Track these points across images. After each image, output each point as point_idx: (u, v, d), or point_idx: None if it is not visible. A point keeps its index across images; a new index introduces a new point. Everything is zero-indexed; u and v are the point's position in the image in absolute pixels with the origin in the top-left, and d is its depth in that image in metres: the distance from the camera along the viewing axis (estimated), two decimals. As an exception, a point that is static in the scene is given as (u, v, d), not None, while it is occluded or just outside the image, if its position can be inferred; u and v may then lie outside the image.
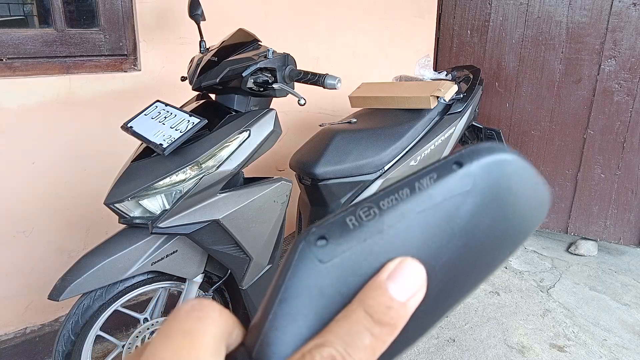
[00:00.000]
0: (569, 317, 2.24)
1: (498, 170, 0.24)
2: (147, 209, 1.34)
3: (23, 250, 1.81)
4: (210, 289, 1.56)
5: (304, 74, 1.46)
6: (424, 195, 0.23)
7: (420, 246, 0.23)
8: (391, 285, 0.22)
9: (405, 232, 0.23)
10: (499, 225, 0.24)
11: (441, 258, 0.24)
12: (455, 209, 0.23)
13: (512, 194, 0.24)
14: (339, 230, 0.23)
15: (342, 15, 2.48)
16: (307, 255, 0.22)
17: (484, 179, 0.24)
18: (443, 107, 2.06)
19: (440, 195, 0.23)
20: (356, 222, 0.23)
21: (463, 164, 0.24)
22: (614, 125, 2.61)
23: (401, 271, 0.22)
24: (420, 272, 0.23)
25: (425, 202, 0.23)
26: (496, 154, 0.24)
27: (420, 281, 0.23)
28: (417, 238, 0.23)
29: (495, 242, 0.25)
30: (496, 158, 0.24)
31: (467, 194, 0.23)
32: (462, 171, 0.23)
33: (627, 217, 2.69)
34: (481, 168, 0.24)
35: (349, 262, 0.23)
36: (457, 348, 2.02)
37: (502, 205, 0.24)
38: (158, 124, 1.39)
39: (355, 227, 0.23)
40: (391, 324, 0.22)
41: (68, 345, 1.36)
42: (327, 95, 2.43)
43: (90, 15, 1.88)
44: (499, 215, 0.24)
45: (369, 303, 0.22)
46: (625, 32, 2.49)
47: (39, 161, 1.77)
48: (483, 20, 2.81)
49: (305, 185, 1.85)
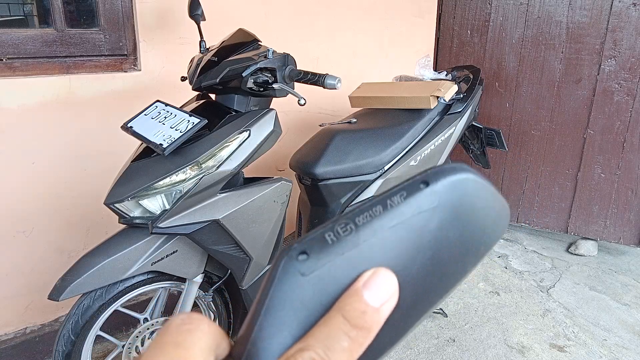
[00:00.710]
0: (569, 317, 2.24)
1: (460, 188, 0.27)
2: (147, 209, 1.34)
3: (23, 250, 1.81)
4: (210, 289, 1.56)
5: (304, 74, 1.45)
6: (395, 212, 0.26)
7: (393, 258, 0.25)
8: (366, 293, 0.24)
9: (379, 245, 0.25)
10: (464, 238, 0.27)
11: (412, 268, 0.26)
12: (424, 223, 0.26)
13: (474, 210, 0.27)
14: (319, 245, 0.25)
15: (342, 15, 2.48)
16: (290, 269, 0.24)
17: (448, 197, 0.26)
18: (443, 107, 2.06)
19: (410, 212, 0.26)
20: (334, 237, 0.25)
21: (429, 183, 0.26)
22: (614, 125, 2.61)
23: (375, 279, 0.25)
24: (392, 280, 0.25)
25: (396, 218, 0.26)
26: (459, 173, 0.27)
27: (392, 288, 0.25)
28: (390, 250, 0.25)
29: (461, 254, 0.27)
30: (459, 177, 0.27)
31: (434, 210, 0.26)
32: (428, 190, 0.26)
33: (627, 216, 2.69)
34: (445, 187, 0.26)
35: (328, 274, 0.25)
36: (457, 348, 2.02)
37: (466, 220, 0.27)
38: (158, 124, 1.39)
39: (334, 242, 0.25)
40: (366, 328, 0.24)
41: (68, 345, 1.36)
42: (327, 95, 2.43)
43: (90, 15, 1.88)
44: (464, 228, 0.27)
45: (346, 309, 0.24)
46: (625, 32, 2.49)
47: (39, 161, 1.78)
48: (483, 20, 2.81)
49: (305, 185, 1.85)
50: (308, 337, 0.24)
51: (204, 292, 1.56)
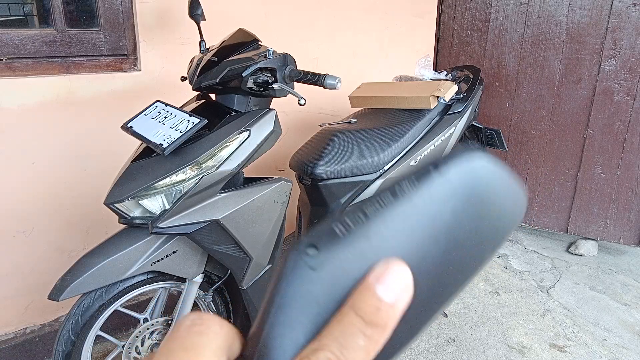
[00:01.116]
0: (569, 317, 2.24)
1: (474, 174, 0.25)
2: (147, 209, 1.34)
3: (23, 250, 1.81)
4: (210, 289, 1.56)
5: (304, 74, 1.45)
6: (406, 200, 0.24)
7: (405, 248, 0.24)
8: (379, 287, 0.23)
9: (390, 236, 0.24)
10: (479, 227, 0.26)
11: (426, 259, 0.24)
12: (437, 212, 0.24)
13: (489, 196, 0.26)
14: (328, 238, 0.24)
15: (342, 15, 2.48)
16: (299, 264, 0.23)
17: (461, 183, 0.25)
18: (443, 107, 2.06)
19: (421, 200, 0.24)
20: (344, 229, 0.24)
21: (441, 168, 0.25)
22: (614, 125, 2.61)
23: (387, 273, 0.23)
24: (405, 273, 0.24)
25: (407, 206, 0.24)
26: (472, 159, 0.25)
27: (406, 282, 0.23)
28: (402, 241, 0.24)
29: (477, 243, 0.26)
30: (472, 163, 0.25)
31: (446, 198, 0.24)
32: (440, 175, 0.24)
33: (627, 216, 2.69)
34: (458, 172, 0.25)
35: (339, 268, 0.23)
36: (457, 348, 2.02)
37: (481, 207, 0.25)
38: (158, 124, 1.39)
39: (344, 235, 0.24)
40: (382, 325, 0.23)
41: (68, 345, 1.36)
42: (327, 95, 2.43)
43: (90, 15, 1.88)
44: (479, 216, 0.25)
45: (359, 306, 0.23)
46: (625, 32, 2.49)
47: (39, 161, 1.77)
48: (483, 20, 2.81)
49: (305, 185, 1.85)
50: (322, 336, 0.23)
51: (204, 292, 1.56)
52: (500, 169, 0.26)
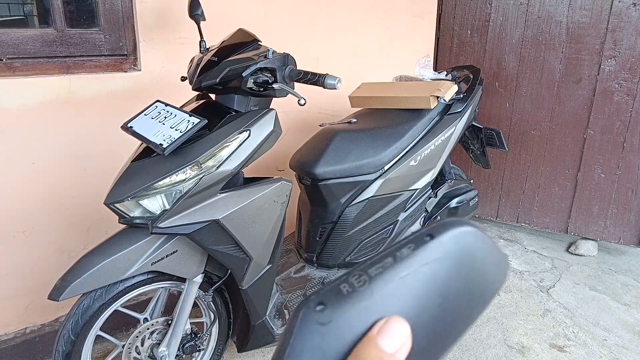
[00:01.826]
0: (569, 317, 2.24)
1: (463, 240, 0.29)
2: (147, 209, 1.33)
3: (23, 250, 1.81)
4: (210, 289, 1.56)
5: (304, 74, 1.45)
6: (405, 263, 0.28)
7: (405, 306, 0.27)
8: (381, 340, 0.26)
9: (391, 294, 0.27)
10: (469, 285, 0.29)
11: (423, 315, 0.28)
12: (432, 273, 0.28)
13: (475, 259, 0.30)
14: (335, 296, 0.27)
15: (342, 15, 2.48)
16: (308, 319, 0.26)
17: (452, 248, 0.29)
18: (443, 107, 2.06)
19: (418, 263, 0.28)
20: (349, 288, 0.27)
21: (435, 236, 0.29)
22: (614, 125, 2.61)
23: (388, 327, 0.26)
24: (404, 327, 0.27)
25: (406, 268, 0.28)
26: (461, 227, 0.29)
27: (405, 335, 0.26)
28: (402, 299, 0.27)
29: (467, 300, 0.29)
30: (461, 230, 0.29)
31: (440, 261, 0.28)
32: (434, 242, 0.28)
33: (627, 216, 2.69)
34: (449, 239, 0.29)
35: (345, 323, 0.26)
36: (457, 348, 2.02)
37: (469, 269, 0.29)
38: (158, 124, 1.39)
39: (349, 293, 0.27)
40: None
41: (68, 345, 1.36)
42: (327, 95, 2.43)
43: (90, 15, 1.88)
44: (468, 276, 0.29)
45: (363, 357, 0.25)
46: (625, 32, 2.49)
47: (39, 161, 1.77)
48: (483, 20, 2.81)
49: (305, 185, 1.85)
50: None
51: (204, 292, 1.56)
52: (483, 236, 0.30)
